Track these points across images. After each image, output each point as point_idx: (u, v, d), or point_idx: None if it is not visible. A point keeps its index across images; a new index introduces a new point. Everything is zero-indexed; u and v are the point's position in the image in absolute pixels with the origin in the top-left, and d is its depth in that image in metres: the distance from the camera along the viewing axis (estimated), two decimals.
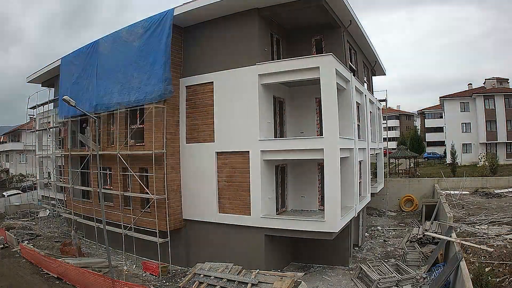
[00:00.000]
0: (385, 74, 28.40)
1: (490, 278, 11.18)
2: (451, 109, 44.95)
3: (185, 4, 15.00)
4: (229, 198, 15.18)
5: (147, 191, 16.52)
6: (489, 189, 27.22)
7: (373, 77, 26.49)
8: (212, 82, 15.51)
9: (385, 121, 33.23)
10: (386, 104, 29.70)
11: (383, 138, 28.24)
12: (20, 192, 34.98)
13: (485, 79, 46.08)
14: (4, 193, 34.27)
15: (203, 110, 15.86)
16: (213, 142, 15.48)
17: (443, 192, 25.06)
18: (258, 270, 13.62)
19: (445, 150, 45.56)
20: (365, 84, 22.03)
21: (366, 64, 23.01)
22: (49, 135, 25.83)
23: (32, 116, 36.85)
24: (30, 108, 29.35)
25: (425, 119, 63.02)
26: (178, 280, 14.87)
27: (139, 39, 16.42)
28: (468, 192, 26.62)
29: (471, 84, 48.64)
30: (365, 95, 19.33)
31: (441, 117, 52.86)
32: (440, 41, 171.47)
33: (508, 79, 46.84)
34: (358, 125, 17.56)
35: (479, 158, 39.00)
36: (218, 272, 13.61)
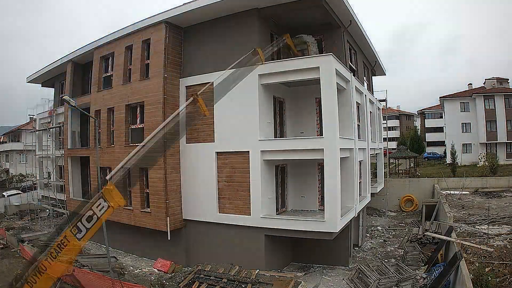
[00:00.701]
0: (385, 74, 28.40)
1: (490, 278, 11.18)
2: (451, 109, 44.99)
3: (185, 4, 14.99)
4: (229, 198, 15.18)
5: (147, 190, 16.56)
6: (489, 189, 27.27)
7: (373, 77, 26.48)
8: (212, 82, 15.49)
9: (385, 121, 33.20)
10: (386, 104, 29.70)
11: (383, 138, 28.24)
12: (20, 192, 34.99)
13: (485, 79, 46.14)
14: (4, 193, 34.27)
15: None
16: (213, 142, 15.48)
17: (443, 192, 25.08)
18: (258, 270, 13.64)
19: (445, 150, 45.58)
20: (365, 84, 22.02)
21: (366, 64, 23.01)
22: (49, 135, 25.84)
23: (32, 116, 36.85)
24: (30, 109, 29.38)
25: (425, 119, 63.03)
26: (178, 280, 14.87)
27: None
28: (468, 192, 26.65)
29: (471, 84, 48.70)
30: (365, 95, 19.33)
31: (441, 117, 52.86)
32: None
33: (508, 79, 46.87)
34: (358, 125, 17.56)
35: (479, 158, 39.01)
36: (218, 272, 13.62)
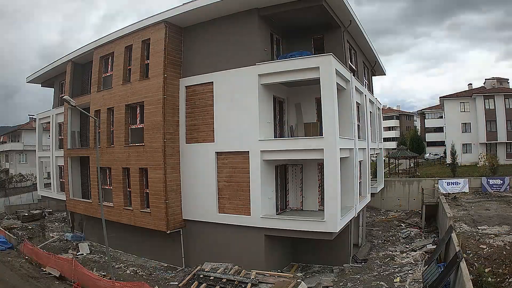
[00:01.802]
0: (385, 74, 28.42)
1: (490, 279, 11.18)
2: (451, 109, 44.91)
3: (185, 4, 14.98)
4: (229, 198, 15.17)
5: (147, 191, 16.55)
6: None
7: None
8: (212, 82, 15.49)
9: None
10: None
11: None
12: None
13: (485, 79, 46.10)
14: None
15: (203, 110, 15.85)
16: (213, 142, 15.47)
17: (444, 192, 25.07)
18: (258, 270, 13.62)
19: (445, 150, 45.54)
20: (365, 84, 22.00)
21: (366, 64, 22.99)
22: (49, 136, 25.82)
23: (32, 116, 36.84)
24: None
25: (425, 119, 62.96)
26: (178, 279, 14.85)
27: None
28: (468, 192, 26.64)
29: (471, 84, 48.72)
30: (365, 95, 19.32)
31: (441, 117, 52.79)
32: None
33: (508, 79, 46.86)
34: (358, 125, 17.55)
35: (479, 158, 38.95)
36: (218, 272, 13.60)
